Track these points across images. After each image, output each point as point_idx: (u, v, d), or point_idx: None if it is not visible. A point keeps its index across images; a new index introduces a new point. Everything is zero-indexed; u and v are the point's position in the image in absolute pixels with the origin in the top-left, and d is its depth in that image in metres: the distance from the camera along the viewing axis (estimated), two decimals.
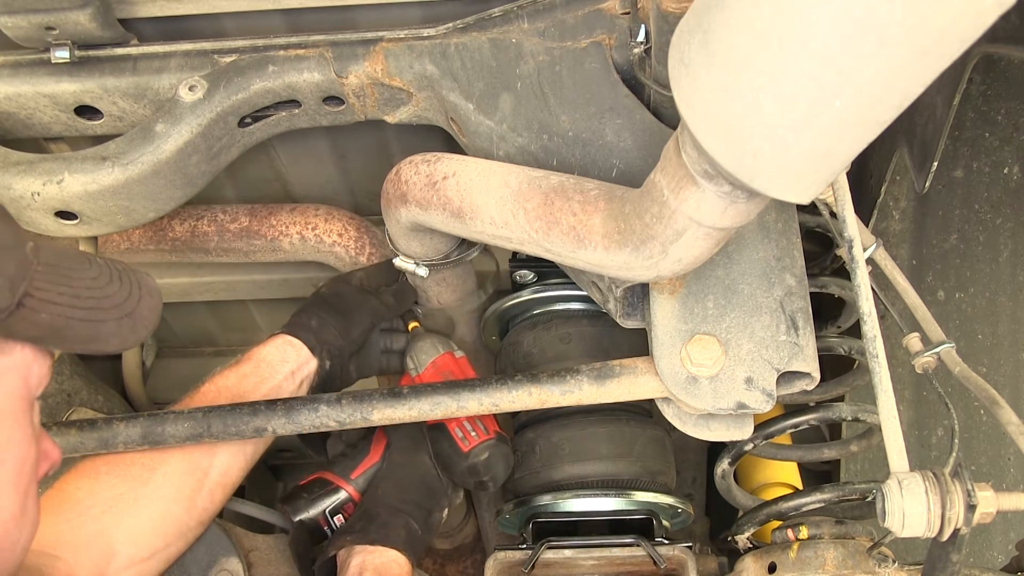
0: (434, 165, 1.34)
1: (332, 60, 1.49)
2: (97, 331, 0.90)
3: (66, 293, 0.87)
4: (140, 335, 0.94)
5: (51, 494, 1.27)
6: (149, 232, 1.82)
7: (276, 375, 1.45)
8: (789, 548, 1.41)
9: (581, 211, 1.13)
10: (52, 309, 0.85)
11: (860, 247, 1.18)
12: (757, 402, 1.19)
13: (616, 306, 1.31)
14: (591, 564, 1.55)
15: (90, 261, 0.93)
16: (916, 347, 1.21)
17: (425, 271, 1.56)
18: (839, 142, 0.79)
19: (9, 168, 1.45)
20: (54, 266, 0.87)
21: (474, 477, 1.52)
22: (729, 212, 0.94)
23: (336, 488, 1.52)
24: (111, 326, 0.91)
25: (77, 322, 0.88)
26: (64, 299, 0.87)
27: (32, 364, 0.88)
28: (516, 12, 1.46)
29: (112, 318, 0.91)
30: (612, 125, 1.34)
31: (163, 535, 1.31)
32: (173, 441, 1.30)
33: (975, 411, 1.77)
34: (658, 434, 1.63)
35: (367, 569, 1.35)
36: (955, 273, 1.74)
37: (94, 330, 0.90)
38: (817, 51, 0.71)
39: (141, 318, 0.94)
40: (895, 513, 1.03)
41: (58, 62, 1.49)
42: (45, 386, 0.91)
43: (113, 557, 1.25)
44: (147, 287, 0.97)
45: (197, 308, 2.25)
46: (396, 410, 1.31)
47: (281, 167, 1.88)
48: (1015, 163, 1.59)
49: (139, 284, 0.96)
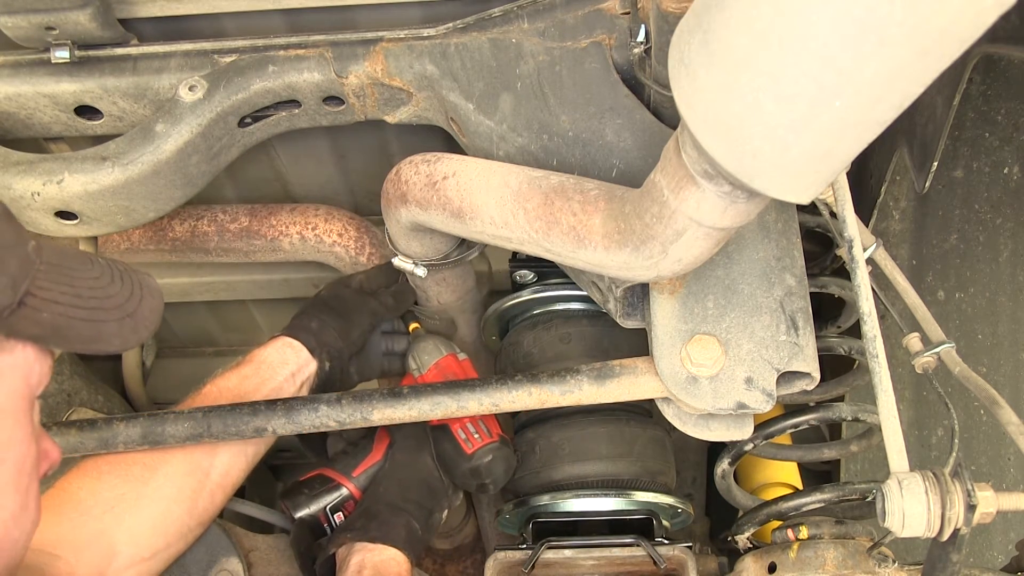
0: (434, 165, 1.34)
1: (332, 60, 1.49)
2: (99, 331, 0.90)
3: (68, 293, 0.87)
4: (142, 335, 0.94)
5: (52, 493, 1.27)
6: (149, 232, 1.82)
7: (277, 376, 1.45)
8: (789, 548, 1.41)
9: (581, 211, 1.13)
10: (54, 308, 0.85)
11: (860, 247, 1.18)
12: (757, 402, 1.19)
13: (616, 306, 1.31)
14: (591, 564, 1.55)
15: (92, 261, 0.93)
16: (916, 347, 1.21)
17: (423, 271, 1.56)
18: (839, 142, 0.79)
19: (9, 168, 1.45)
20: (56, 265, 0.87)
21: (476, 479, 1.52)
22: (729, 212, 0.94)
23: (337, 485, 1.52)
24: (113, 326, 0.91)
25: (79, 322, 0.88)
26: (66, 299, 0.87)
27: (33, 363, 0.88)
28: (516, 12, 1.46)
29: (114, 318, 0.91)
30: (612, 125, 1.34)
31: (164, 535, 1.31)
32: (173, 441, 1.30)
33: (975, 411, 1.77)
34: (658, 434, 1.63)
35: (366, 567, 1.35)
36: (955, 273, 1.74)
37: (96, 330, 0.90)
38: (817, 51, 0.71)
39: (143, 318, 0.94)
40: (895, 513, 1.03)
41: (58, 62, 1.49)
42: (46, 385, 0.91)
43: (114, 557, 1.25)
44: (148, 287, 0.97)
45: (197, 308, 2.25)
46: (396, 410, 1.31)
47: (281, 167, 1.88)
48: (1015, 163, 1.59)
49: (140, 284, 0.96)
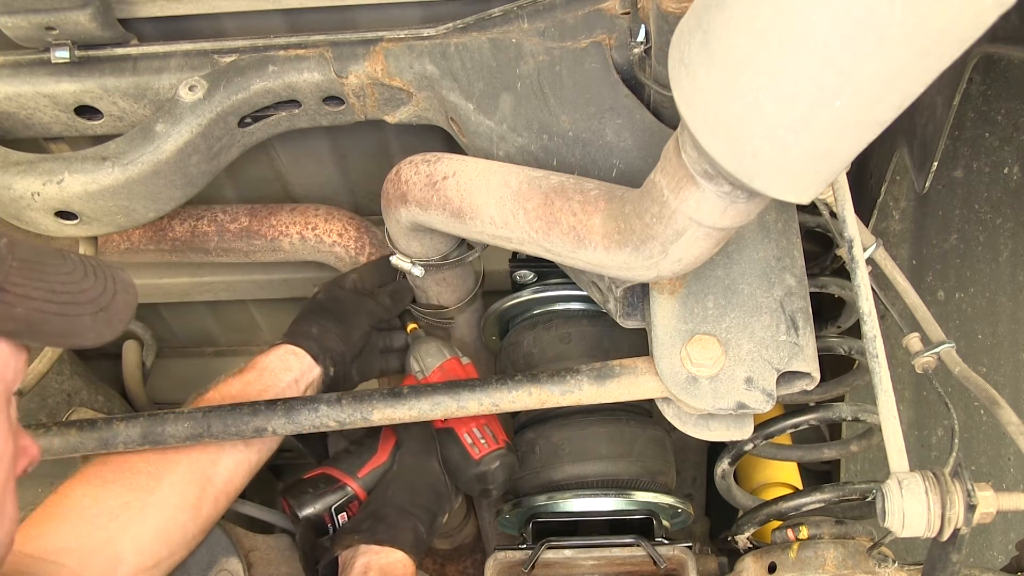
0: (434, 165, 1.34)
1: (332, 60, 1.49)
2: (73, 325, 0.90)
3: (41, 288, 0.88)
4: (116, 329, 0.95)
5: (55, 500, 1.26)
6: (149, 232, 1.82)
7: (280, 382, 1.45)
8: (789, 548, 1.41)
9: (581, 211, 1.13)
10: (27, 303, 0.86)
11: (860, 247, 1.18)
12: (757, 402, 1.19)
13: (616, 306, 1.31)
14: (591, 564, 1.55)
15: (64, 257, 0.93)
16: (916, 347, 1.21)
17: (421, 271, 1.56)
18: (839, 142, 0.79)
19: (9, 168, 1.45)
20: (29, 261, 0.88)
21: (481, 485, 1.52)
22: (729, 212, 0.94)
23: (343, 485, 1.50)
24: (87, 320, 0.92)
25: (53, 316, 0.88)
26: (40, 294, 0.87)
27: (8, 359, 0.88)
28: (516, 12, 1.46)
29: (88, 312, 0.92)
30: (612, 125, 1.34)
31: (168, 543, 1.31)
32: (173, 441, 1.30)
33: (975, 411, 1.77)
34: (658, 434, 1.63)
35: (372, 568, 1.35)
36: (955, 273, 1.74)
37: (70, 324, 0.90)
38: (817, 51, 0.71)
39: (117, 312, 0.95)
40: (895, 513, 1.03)
41: (58, 62, 1.49)
42: (21, 380, 0.91)
43: (119, 565, 1.24)
44: (122, 282, 0.97)
45: (197, 308, 2.25)
46: (396, 410, 1.31)
47: (281, 167, 1.88)
48: (1015, 163, 1.59)
49: (114, 279, 0.96)
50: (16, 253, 0.87)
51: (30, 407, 1.82)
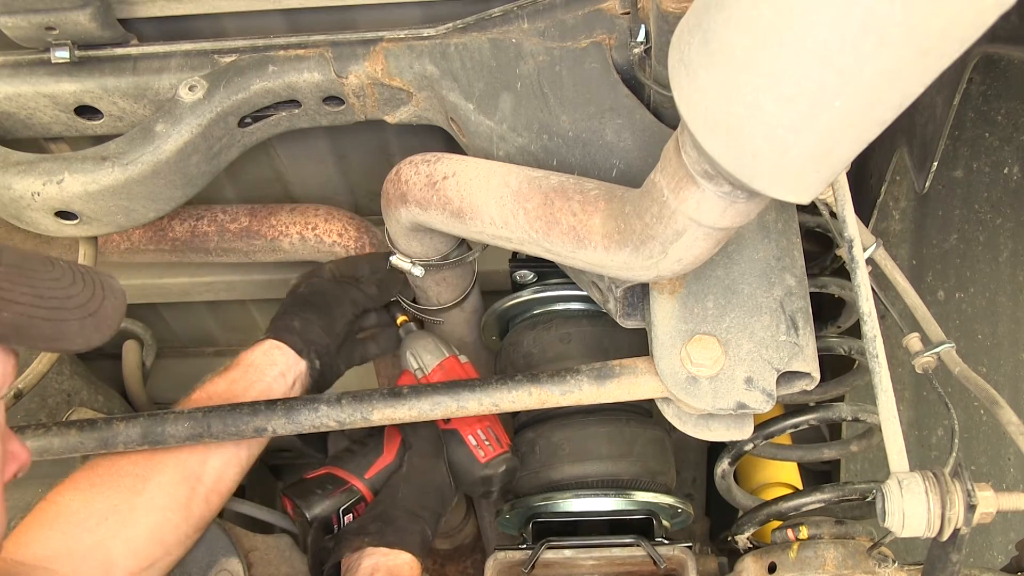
0: (434, 165, 1.34)
1: (332, 60, 1.49)
2: (61, 330, 0.92)
3: (29, 293, 0.89)
4: (104, 334, 0.96)
5: (44, 506, 1.26)
6: (149, 232, 1.82)
7: (265, 378, 1.44)
8: (789, 548, 1.41)
9: (581, 211, 1.13)
10: (15, 308, 0.87)
11: (860, 247, 1.18)
12: (757, 402, 1.19)
13: (616, 306, 1.31)
14: (591, 564, 1.55)
15: (53, 263, 0.94)
16: (916, 347, 1.21)
17: (421, 271, 1.56)
18: (839, 142, 0.79)
19: (9, 168, 1.45)
20: (16, 267, 0.89)
21: (485, 487, 1.52)
22: (729, 212, 0.94)
23: (350, 486, 1.49)
24: (75, 325, 0.93)
25: (40, 321, 0.89)
26: (27, 299, 0.88)
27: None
28: (516, 12, 1.46)
29: (76, 317, 0.93)
30: (612, 125, 1.34)
31: (161, 544, 1.31)
32: (173, 441, 1.30)
33: (975, 411, 1.77)
34: (658, 434, 1.63)
35: (380, 570, 1.35)
36: (955, 273, 1.74)
37: (57, 329, 0.91)
38: (817, 51, 0.71)
39: (105, 317, 0.96)
40: (895, 513, 1.03)
41: (58, 62, 1.49)
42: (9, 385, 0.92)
43: (112, 568, 1.24)
44: (111, 288, 0.99)
45: (197, 308, 2.25)
46: (396, 410, 1.31)
47: (281, 167, 1.88)
48: (1015, 163, 1.59)
49: (103, 285, 0.98)
50: (3, 259, 0.88)
51: (30, 407, 1.82)
